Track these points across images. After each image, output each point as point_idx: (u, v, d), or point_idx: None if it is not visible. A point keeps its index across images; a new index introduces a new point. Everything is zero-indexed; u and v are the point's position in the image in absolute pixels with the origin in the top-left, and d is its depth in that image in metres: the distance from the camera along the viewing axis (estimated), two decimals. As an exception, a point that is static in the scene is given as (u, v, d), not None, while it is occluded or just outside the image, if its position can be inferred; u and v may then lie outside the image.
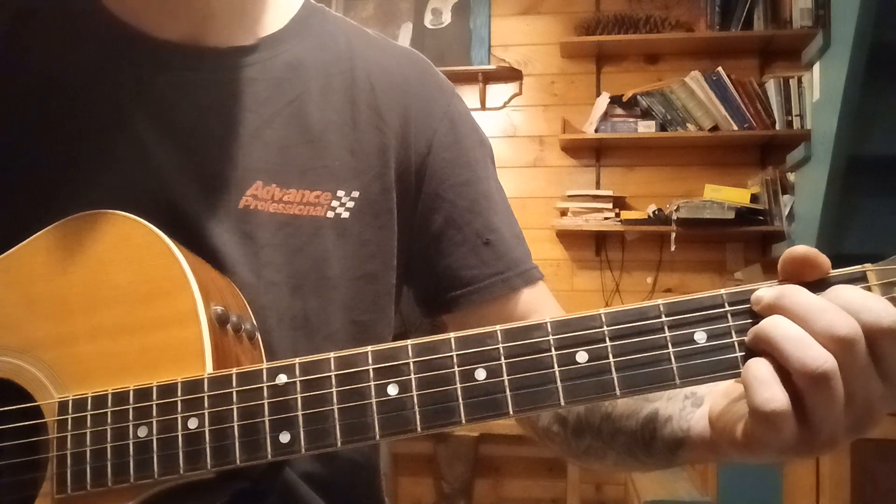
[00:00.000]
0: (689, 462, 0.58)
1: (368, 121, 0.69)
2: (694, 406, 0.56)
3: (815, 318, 0.43)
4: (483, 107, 3.53)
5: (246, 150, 0.65)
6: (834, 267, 0.47)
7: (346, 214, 0.67)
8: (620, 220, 3.28)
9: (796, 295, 0.44)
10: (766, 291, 0.45)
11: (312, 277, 0.65)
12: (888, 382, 0.44)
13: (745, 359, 0.45)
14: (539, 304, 0.72)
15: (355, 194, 0.67)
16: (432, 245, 0.71)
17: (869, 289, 0.45)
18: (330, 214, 0.66)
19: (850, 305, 0.43)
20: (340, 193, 0.67)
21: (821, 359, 0.42)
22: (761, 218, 3.15)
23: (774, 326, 0.44)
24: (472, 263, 0.71)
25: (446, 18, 3.54)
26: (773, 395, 0.42)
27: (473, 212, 0.71)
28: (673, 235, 3.23)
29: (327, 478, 0.66)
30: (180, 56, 0.66)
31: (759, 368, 0.43)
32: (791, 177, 3.06)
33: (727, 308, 0.46)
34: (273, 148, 0.65)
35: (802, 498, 2.16)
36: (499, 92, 3.56)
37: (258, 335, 0.60)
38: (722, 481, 2.55)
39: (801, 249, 0.46)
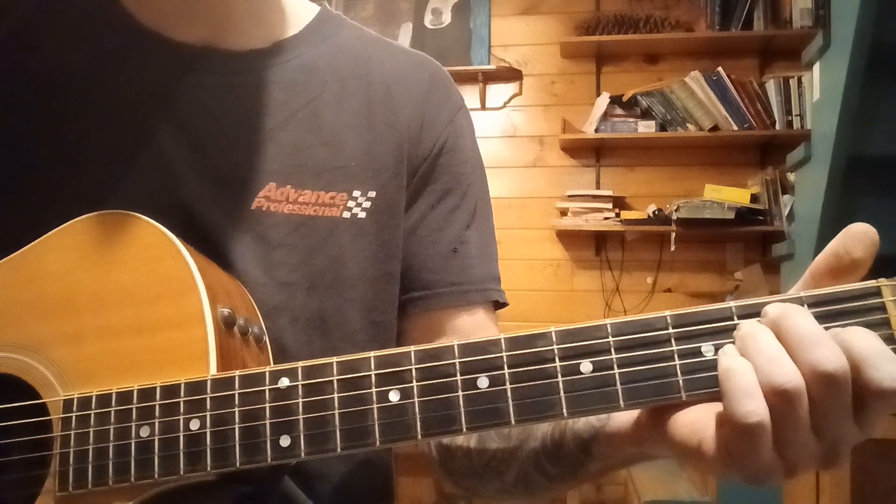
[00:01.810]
0: (602, 466, 0.55)
1: (384, 121, 0.69)
2: None
3: (807, 348, 0.41)
4: (483, 107, 3.53)
5: (260, 152, 0.65)
6: None
7: (362, 215, 0.67)
8: (620, 220, 3.28)
9: (797, 318, 0.42)
10: (773, 307, 0.44)
11: (328, 277, 0.65)
12: (864, 430, 0.43)
13: None
14: (491, 329, 0.71)
15: (372, 194, 0.67)
16: (402, 242, 0.71)
17: (883, 305, 0.44)
18: (346, 215, 0.66)
19: (864, 354, 0.41)
20: (356, 194, 0.67)
21: (787, 376, 0.41)
22: (761, 218, 3.16)
23: (751, 338, 0.43)
24: (435, 268, 0.70)
25: (446, 18, 3.54)
26: (757, 406, 0.41)
27: (449, 220, 0.71)
28: (673, 235, 3.23)
29: (342, 477, 0.66)
30: (196, 58, 0.66)
31: (745, 378, 0.42)
32: (791, 177, 3.06)
33: (736, 321, 0.45)
34: (288, 149, 0.66)
35: (802, 498, 2.16)
36: (499, 92, 3.56)
37: (266, 339, 0.60)
38: (722, 481, 2.55)
39: (872, 234, 0.44)
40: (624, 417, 0.52)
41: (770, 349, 0.42)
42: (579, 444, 0.55)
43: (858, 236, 0.44)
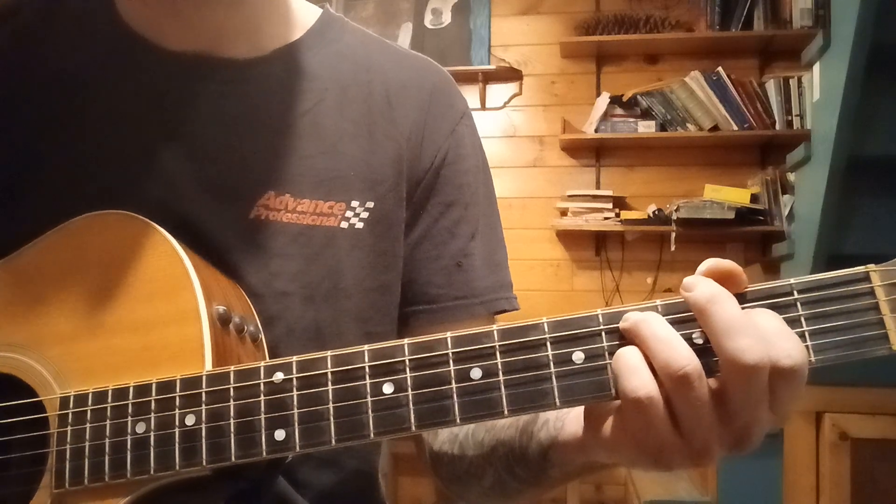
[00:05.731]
0: (561, 474, 0.56)
1: (384, 132, 0.69)
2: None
3: (732, 336, 0.42)
4: (483, 107, 3.53)
5: (258, 161, 0.64)
6: (834, 268, 0.46)
7: (360, 225, 0.66)
8: (620, 220, 3.28)
9: (724, 305, 0.44)
10: (703, 291, 0.45)
11: (325, 287, 0.65)
12: (776, 414, 0.44)
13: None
14: None
15: (370, 205, 0.67)
16: (406, 255, 0.70)
17: (872, 290, 0.44)
18: (344, 225, 0.66)
19: (766, 335, 0.43)
20: (355, 204, 0.66)
21: (685, 360, 0.43)
22: (761, 218, 3.16)
23: (647, 324, 0.44)
24: (439, 282, 0.70)
25: (446, 18, 3.54)
26: (643, 381, 0.43)
27: (452, 233, 0.71)
28: (673, 235, 3.23)
29: (329, 486, 0.66)
30: (194, 67, 0.65)
31: (630, 357, 0.44)
32: (791, 177, 3.06)
33: None
34: (286, 158, 0.65)
35: (802, 498, 2.16)
36: (499, 92, 3.56)
37: (262, 337, 0.60)
38: (722, 481, 2.55)
39: (726, 264, 0.46)
40: (573, 427, 0.53)
41: (665, 333, 0.44)
42: (541, 452, 0.56)
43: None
